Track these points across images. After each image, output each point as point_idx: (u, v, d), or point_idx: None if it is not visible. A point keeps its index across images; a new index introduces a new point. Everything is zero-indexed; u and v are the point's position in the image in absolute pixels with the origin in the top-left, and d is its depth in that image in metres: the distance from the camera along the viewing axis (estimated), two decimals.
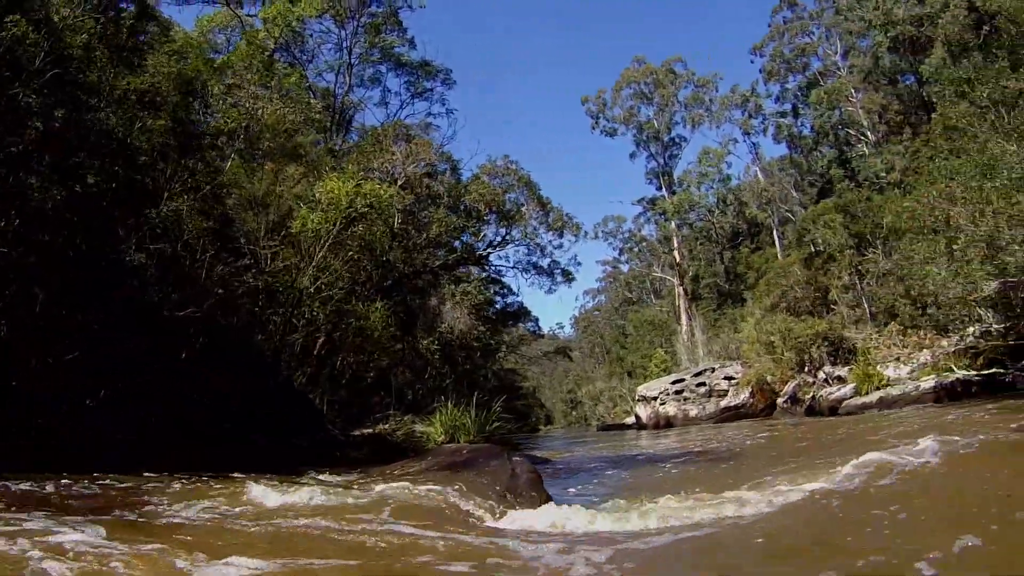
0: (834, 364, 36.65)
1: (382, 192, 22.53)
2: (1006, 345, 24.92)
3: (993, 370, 25.85)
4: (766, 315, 40.69)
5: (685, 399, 45.77)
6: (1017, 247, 21.17)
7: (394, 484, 10.54)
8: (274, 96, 21.31)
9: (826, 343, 36.27)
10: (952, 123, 27.90)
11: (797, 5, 66.96)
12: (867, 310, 37.18)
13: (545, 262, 36.92)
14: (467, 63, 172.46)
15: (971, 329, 25.93)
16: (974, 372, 26.38)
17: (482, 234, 31.95)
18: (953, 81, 27.39)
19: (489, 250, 33.15)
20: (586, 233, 39.16)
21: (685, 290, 71.39)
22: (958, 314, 24.89)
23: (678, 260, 73.11)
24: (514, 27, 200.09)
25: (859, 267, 38.08)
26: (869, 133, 56.82)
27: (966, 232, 22.46)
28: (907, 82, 55.70)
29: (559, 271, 37.84)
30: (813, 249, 43.04)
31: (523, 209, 32.59)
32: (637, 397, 50.09)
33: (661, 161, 74.78)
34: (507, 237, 32.14)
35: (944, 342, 28.17)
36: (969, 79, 26.26)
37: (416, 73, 40.58)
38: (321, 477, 12.45)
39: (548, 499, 10.82)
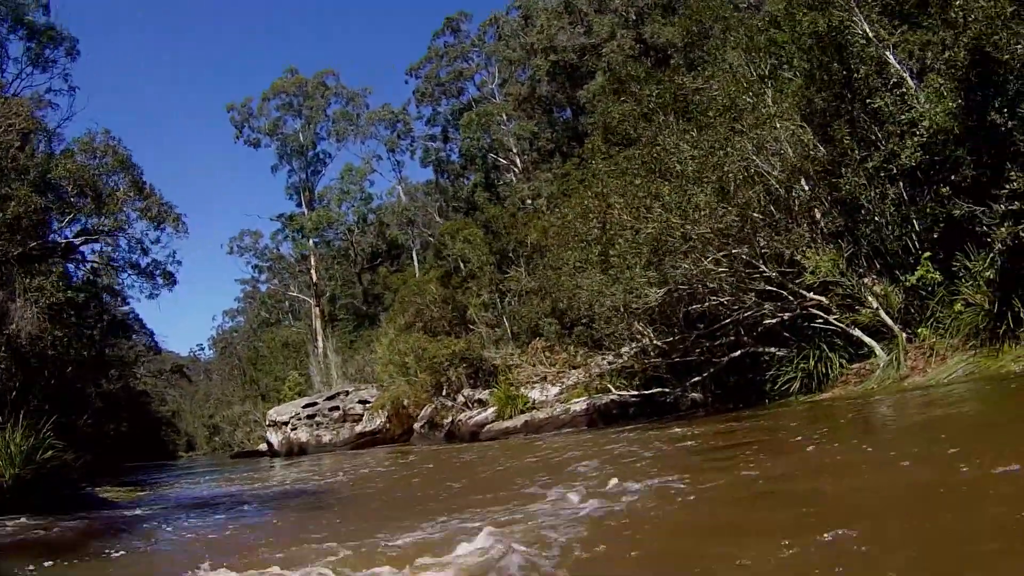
0: (474, 387, 32.55)
1: None
2: (667, 363, 21.39)
3: (654, 390, 22.24)
4: (400, 335, 35.78)
5: (318, 424, 40.96)
6: (682, 250, 17.85)
7: None
8: None
9: (464, 364, 31.95)
10: (614, 123, 24.47)
11: (460, 32, 63.22)
12: (508, 329, 33.20)
13: (145, 261, 31.05)
14: (103, 60, 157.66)
15: (625, 348, 22.05)
16: (633, 392, 22.64)
17: (67, 219, 25.24)
18: (618, 82, 24.37)
19: (77, 239, 26.56)
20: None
21: (322, 311, 66.85)
22: (615, 328, 20.94)
23: (315, 279, 68.48)
24: (161, 26, 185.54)
25: (500, 285, 34.09)
26: (518, 160, 54.38)
27: (625, 236, 18.89)
28: (563, 116, 53.79)
29: (159, 272, 31.85)
30: (451, 266, 38.67)
31: (117, 194, 26.43)
32: (268, 422, 44.65)
33: (303, 176, 69.89)
34: (99, 226, 25.73)
35: (599, 360, 24.25)
36: (638, 78, 23.28)
37: (39, 39, 32.51)
38: None
39: None
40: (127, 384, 63.05)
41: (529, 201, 44.33)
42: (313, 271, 68.54)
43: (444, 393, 33.16)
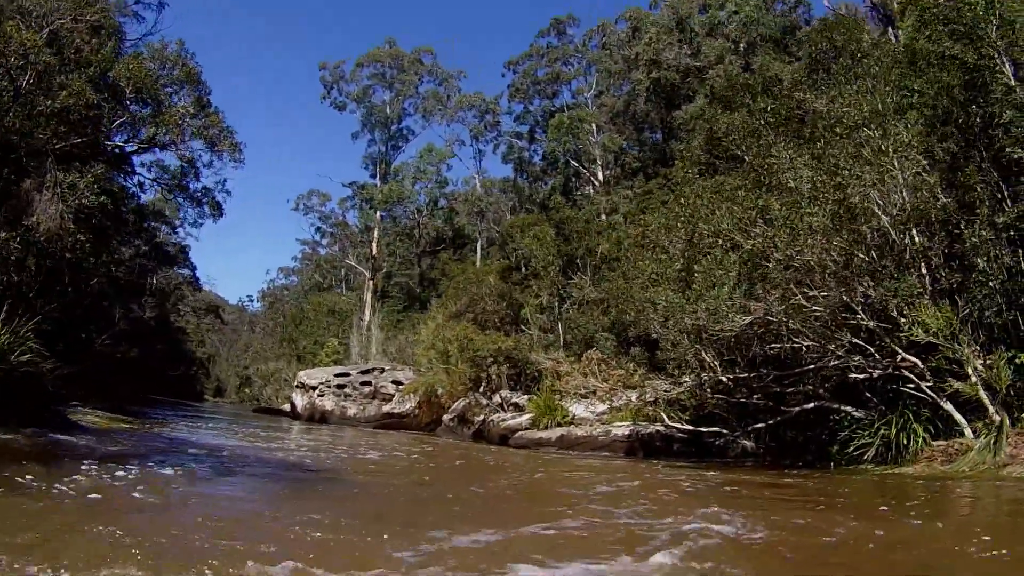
0: (514, 389, 30.53)
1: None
2: (727, 402, 19.22)
3: (711, 428, 20.09)
4: (448, 321, 33.84)
5: (346, 395, 39.48)
6: (778, 280, 15.80)
7: None
8: None
9: (508, 364, 29.91)
10: (719, 134, 22.41)
11: (565, 35, 61.70)
12: (561, 336, 31.09)
13: (195, 186, 29.48)
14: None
15: (686, 378, 19.89)
16: (684, 427, 20.48)
17: (118, 123, 23.48)
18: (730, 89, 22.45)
19: (129, 147, 25.03)
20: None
21: (375, 285, 65.43)
22: (681, 353, 18.74)
23: (374, 252, 66.76)
24: None
25: (562, 290, 32.10)
26: (600, 173, 52.84)
27: (714, 253, 16.91)
28: (653, 138, 52.37)
29: (207, 199, 30.23)
30: (514, 262, 36.66)
31: (178, 107, 24.74)
32: (296, 383, 43.09)
33: (383, 148, 68.67)
34: (152, 135, 23.94)
35: (656, 385, 22.01)
36: (753, 90, 21.26)
37: None
38: None
39: None
40: (165, 316, 62.15)
41: (604, 216, 42.35)
42: (375, 244, 66.96)
43: (481, 390, 31.22)
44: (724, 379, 18.70)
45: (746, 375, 18.49)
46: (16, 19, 18.79)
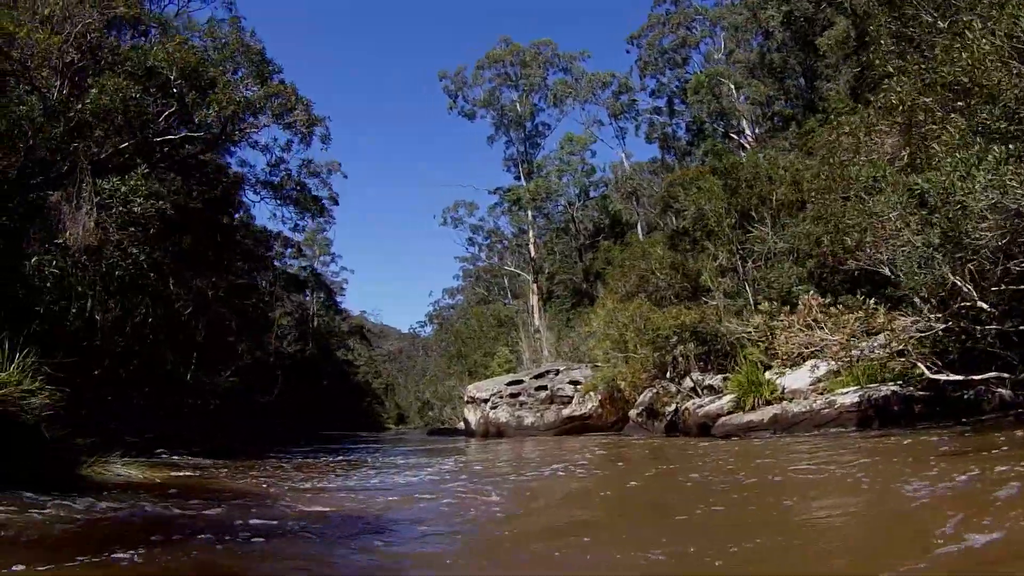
0: (704, 370, 25.93)
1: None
2: (997, 333, 13.93)
3: (987, 375, 14.65)
4: (620, 305, 29.23)
5: (521, 404, 35.48)
6: None
7: None
8: None
9: (695, 340, 25.29)
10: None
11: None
12: (750, 298, 26.08)
13: (290, 185, 25.78)
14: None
15: (936, 315, 14.72)
16: (954, 376, 14.92)
17: (167, 114, 19.62)
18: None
19: (194, 135, 21.36)
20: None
21: (539, 287, 61.81)
22: (924, 278, 13.33)
23: (533, 255, 63.50)
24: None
25: (741, 247, 27.20)
26: (749, 130, 48.49)
27: (957, 124, 11.98)
28: (796, 85, 46.87)
29: (295, 189, 26.51)
30: (680, 225, 31.72)
31: (234, 81, 20.86)
32: (466, 398, 39.38)
33: (521, 148, 64.99)
34: (204, 118, 19.99)
35: (905, 323, 16.38)
36: None
37: None
38: None
39: None
40: (327, 350, 60.80)
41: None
42: (532, 245, 63.79)
43: (667, 376, 26.72)
44: (983, 306, 13.54)
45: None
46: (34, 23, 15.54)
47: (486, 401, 36.38)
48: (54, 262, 14.40)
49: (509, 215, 65.96)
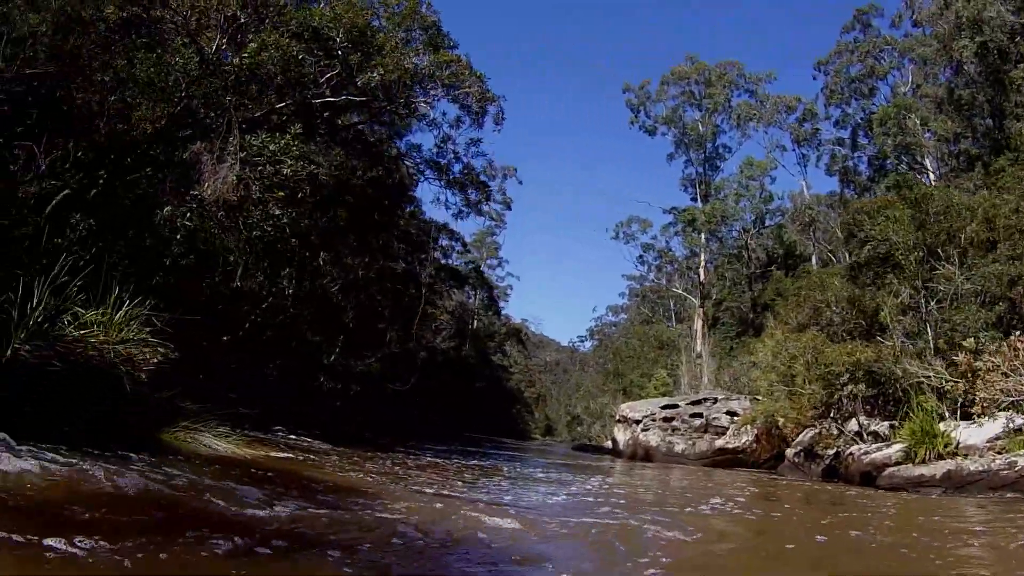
0: (871, 414, 23.92)
1: None
2: None
3: None
4: (790, 336, 27.35)
5: (674, 429, 33.93)
6: None
7: None
8: None
9: (868, 380, 23.34)
10: None
11: (870, 27, 55.72)
12: (931, 340, 23.90)
13: (456, 167, 24.73)
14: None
15: None
16: None
17: (330, 79, 18.74)
18: None
19: (355, 100, 20.43)
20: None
21: (705, 313, 60.16)
22: None
23: (703, 279, 61.98)
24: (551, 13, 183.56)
25: (927, 284, 25.09)
26: (933, 168, 46.37)
27: None
28: (984, 124, 44.17)
29: (462, 171, 25.36)
30: (861, 257, 29.52)
31: (403, 48, 19.72)
32: (619, 416, 37.95)
33: (700, 169, 63.97)
34: (367, 81, 18.97)
35: None
36: None
37: None
38: None
39: None
40: (485, 353, 60.42)
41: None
42: (701, 269, 62.58)
43: (831, 416, 24.81)
44: None
45: None
46: None
47: (638, 422, 35.00)
48: (188, 214, 13.94)
49: (682, 236, 64.53)
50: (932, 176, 45.68)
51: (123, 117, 13.87)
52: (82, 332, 8.93)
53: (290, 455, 13.08)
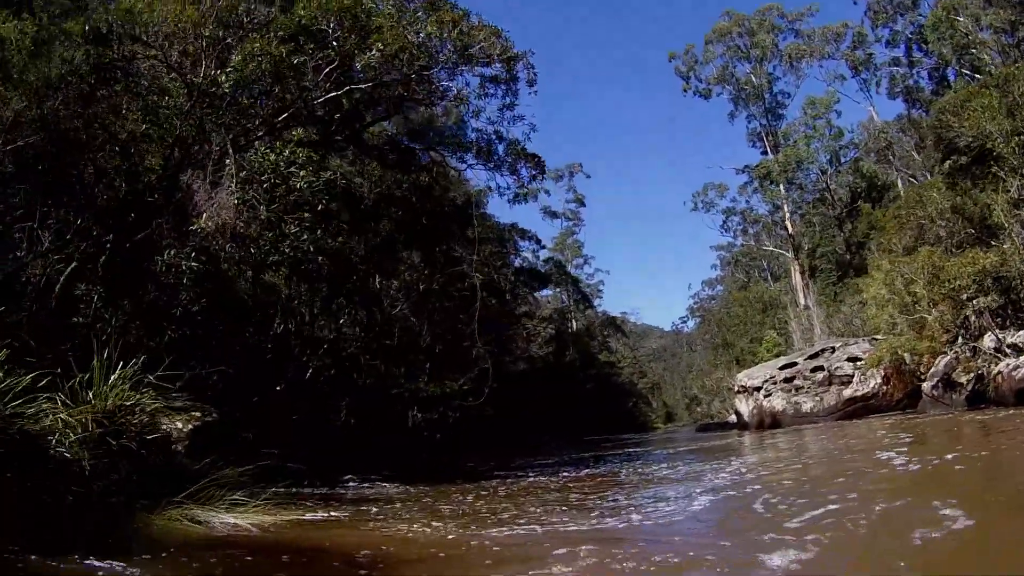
0: (1003, 327, 21.58)
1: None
2: None
3: None
4: (899, 261, 24.98)
5: (797, 389, 31.67)
6: None
7: None
8: None
9: (997, 289, 21.00)
10: None
11: None
12: None
13: (500, 147, 22.60)
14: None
15: None
16: None
17: (329, 73, 16.87)
18: None
19: (357, 87, 18.33)
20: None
21: (800, 265, 57.52)
22: None
23: (791, 231, 59.26)
24: None
25: None
26: (996, 63, 41.74)
27: None
28: None
29: (522, 158, 23.03)
30: (958, 162, 26.93)
31: (401, 19, 17.60)
32: (737, 388, 35.91)
33: (764, 121, 61.34)
34: (367, 62, 16.97)
35: None
36: None
37: None
38: None
39: None
40: (587, 354, 58.88)
41: None
42: (788, 222, 59.68)
43: (963, 338, 22.48)
44: None
45: None
46: None
47: (758, 389, 33.01)
48: (192, 254, 12.56)
49: (761, 192, 61.80)
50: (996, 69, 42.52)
51: (125, 174, 12.65)
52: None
53: (332, 515, 10.37)
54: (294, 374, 15.79)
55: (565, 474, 18.30)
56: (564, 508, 11.09)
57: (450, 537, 8.50)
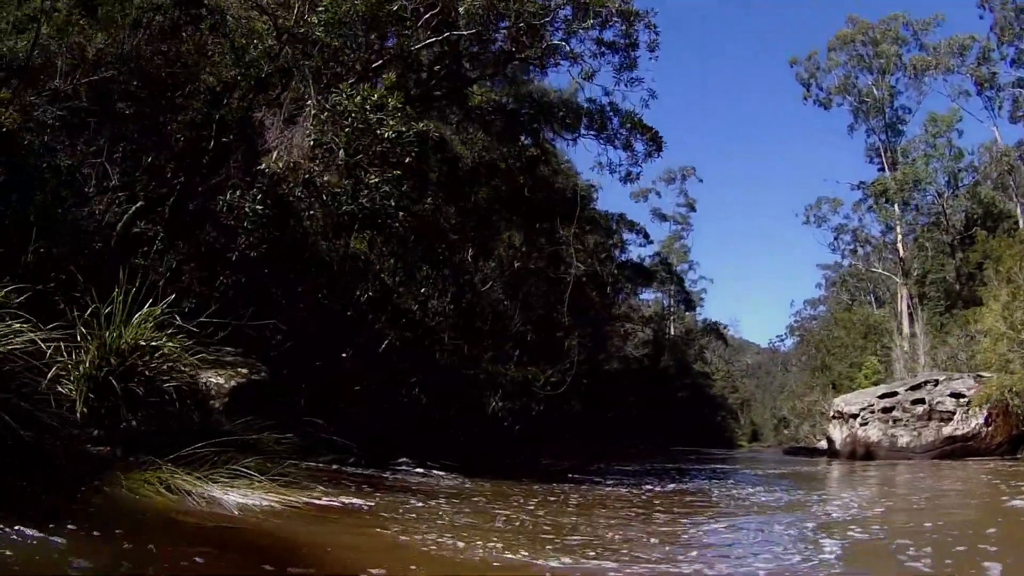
0: None
1: None
2: None
3: None
4: (1021, 294, 23.10)
5: (895, 421, 30.04)
6: None
7: None
8: None
9: None
10: None
11: None
12: None
13: (615, 120, 21.03)
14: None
15: None
16: None
17: (430, 19, 15.82)
18: None
19: (460, 33, 17.17)
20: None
21: (909, 289, 54.67)
22: None
23: (902, 253, 56.67)
24: None
25: None
26: None
27: None
28: None
29: (638, 129, 21.36)
30: None
31: None
32: (832, 413, 34.48)
33: (883, 137, 59.07)
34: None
35: None
36: None
37: None
38: None
39: None
40: (684, 361, 57.55)
41: None
42: (899, 244, 57.25)
43: None
44: None
45: None
46: None
47: (855, 416, 31.54)
48: (259, 196, 11.72)
49: (876, 210, 59.63)
50: None
51: (206, 117, 12.31)
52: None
53: (355, 502, 8.21)
54: (367, 343, 14.71)
55: (648, 487, 16.21)
56: (649, 535, 8.52)
57: (489, 561, 6.10)
